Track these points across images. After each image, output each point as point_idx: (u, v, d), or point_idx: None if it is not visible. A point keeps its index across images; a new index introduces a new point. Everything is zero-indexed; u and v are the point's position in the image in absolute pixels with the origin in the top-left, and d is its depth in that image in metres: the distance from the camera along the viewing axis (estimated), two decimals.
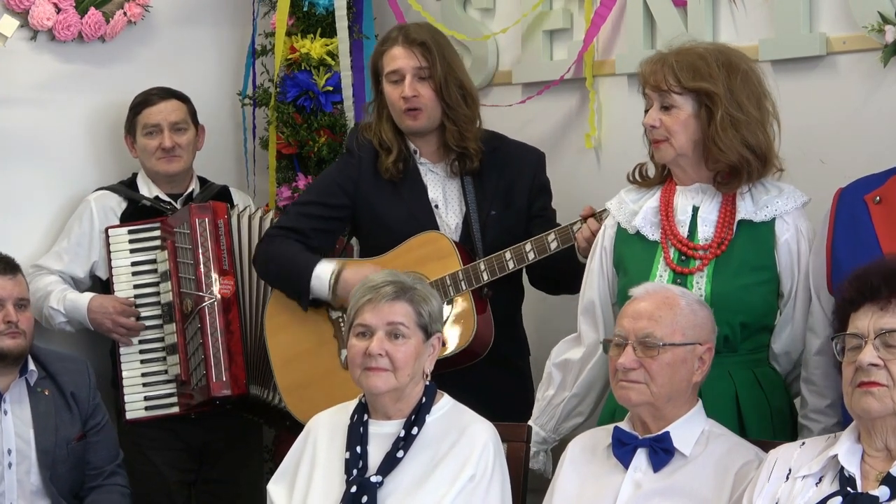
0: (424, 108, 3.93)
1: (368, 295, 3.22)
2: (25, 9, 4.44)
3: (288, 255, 3.99)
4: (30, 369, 3.88)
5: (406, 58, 3.92)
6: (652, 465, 3.06)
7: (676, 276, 3.30)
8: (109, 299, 4.32)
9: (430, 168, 4.03)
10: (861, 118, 3.77)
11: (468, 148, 3.95)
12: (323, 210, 4.04)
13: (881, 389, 2.71)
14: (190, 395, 4.27)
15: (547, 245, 3.76)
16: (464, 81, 3.97)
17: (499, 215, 3.97)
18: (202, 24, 4.93)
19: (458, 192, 4.01)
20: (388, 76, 3.95)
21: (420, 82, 3.92)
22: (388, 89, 3.96)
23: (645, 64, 3.32)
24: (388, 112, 3.99)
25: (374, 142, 4.00)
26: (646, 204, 3.40)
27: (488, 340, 3.89)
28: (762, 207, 3.31)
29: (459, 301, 3.87)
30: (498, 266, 3.82)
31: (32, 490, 3.82)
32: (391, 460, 3.17)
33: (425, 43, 3.91)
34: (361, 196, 4.01)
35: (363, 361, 3.19)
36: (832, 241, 3.20)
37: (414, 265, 3.87)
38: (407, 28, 4.00)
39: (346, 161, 4.09)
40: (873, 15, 3.64)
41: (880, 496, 2.68)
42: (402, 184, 3.99)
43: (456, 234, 3.98)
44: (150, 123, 4.41)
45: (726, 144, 3.24)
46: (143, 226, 4.39)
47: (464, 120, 3.94)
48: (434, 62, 3.91)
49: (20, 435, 3.83)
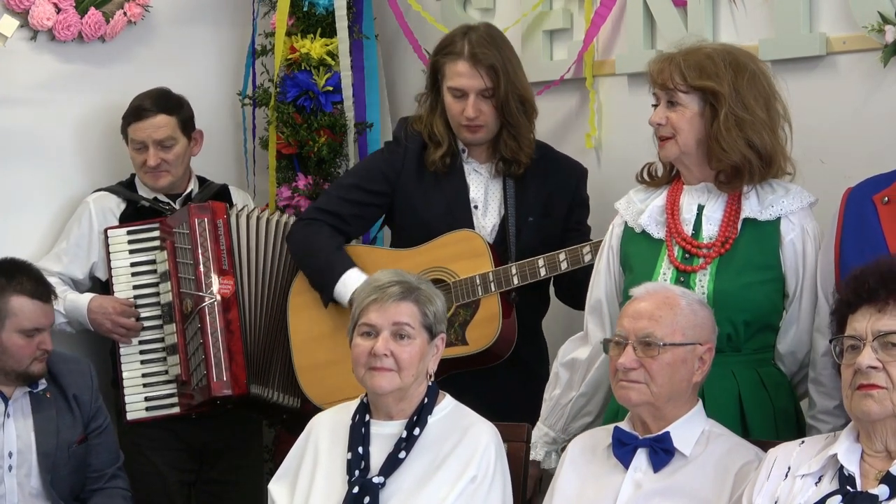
0: (485, 124, 3.94)
1: (374, 295, 3.21)
2: (25, 9, 4.44)
3: (323, 248, 4.00)
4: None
5: (471, 77, 3.91)
6: (652, 465, 3.06)
7: (680, 273, 3.30)
8: (109, 300, 4.32)
9: (474, 167, 4.03)
10: (861, 118, 3.77)
11: (521, 159, 3.96)
12: (363, 195, 4.04)
13: (881, 392, 2.71)
14: (190, 395, 4.26)
15: (581, 257, 3.75)
16: (524, 95, 3.96)
17: (536, 223, 3.97)
18: (202, 24, 4.93)
19: (499, 194, 4.01)
20: (450, 89, 3.94)
21: (483, 100, 3.92)
22: (449, 100, 3.95)
23: (653, 63, 3.34)
24: (443, 109, 3.99)
25: (424, 134, 4.01)
26: (652, 203, 3.41)
27: (511, 343, 3.89)
28: (767, 207, 3.32)
29: (486, 302, 3.87)
30: (530, 272, 3.82)
31: (32, 493, 3.81)
32: (393, 461, 3.17)
33: (493, 66, 3.89)
34: (402, 186, 4.02)
35: (368, 361, 3.19)
36: (840, 241, 3.20)
37: (445, 261, 3.88)
38: (473, 42, 3.93)
39: (392, 150, 4.09)
40: (873, 15, 3.64)
41: (880, 495, 2.68)
42: (445, 180, 4.00)
43: (491, 235, 3.99)
44: (136, 139, 4.40)
45: (729, 144, 3.24)
46: (143, 226, 4.38)
47: (523, 133, 3.95)
48: (499, 84, 3.90)
49: (21, 438, 3.82)
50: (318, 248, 4.01)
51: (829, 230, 3.27)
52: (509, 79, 3.91)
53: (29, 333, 3.78)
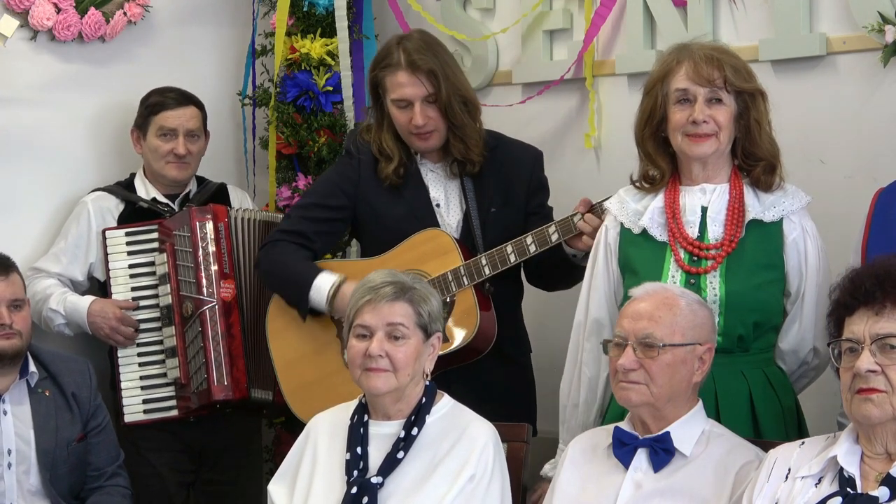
0: (436, 129, 3.93)
1: (368, 296, 3.21)
2: (25, 9, 4.44)
3: (289, 262, 4.00)
4: (30, 370, 3.87)
5: (413, 86, 3.90)
6: (652, 465, 3.06)
7: (690, 276, 3.30)
8: (110, 304, 4.30)
9: (430, 168, 4.04)
10: (861, 118, 3.78)
11: (472, 159, 3.96)
12: (324, 212, 4.04)
13: (880, 396, 2.70)
14: (189, 398, 4.26)
15: (548, 237, 3.76)
16: (466, 95, 3.96)
17: (498, 212, 3.98)
18: (202, 24, 4.93)
19: (458, 190, 4.02)
20: (394, 101, 3.94)
21: (428, 106, 3.91)
22: (395, 111, 3.95)
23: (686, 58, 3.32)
24: (390, 122, 3.99)
25: (374, 149, 4.01)
26: (651, 204, 3.41)
27: (491, 336, 3.89)
28: (770, 207, 3.34)
29: (462, 297, 3.88)
30: (500, 259, 3.83)
31: (31, 491, 3.81)
32: (391, 461, 3.17)
33: (432, 70, 3.89)
34: (361, 196, 4.02)
35: (363, 362, 3.18)
36: (867, 240, 3.22)
37: (415, 263, 3.87)
38: (409, 50, 3.93)
39: (346, 163, 4.10)
40: (873, 15, 3.64)
41: (880, 497, 2.68)
42: (404, 185, 4.00)
43: (457, 231, 3.99)
44: (166, 126, 4.38)
45: (769, 141, 3.32)
46: (141, 228, 4.37)
47: (470, 133, 3.95)
48: (440, 87, 3.90)
49: (20, 435, 3.81)
50: (285, 264, 4.00)
51: (858, 230, 3.28)
52: (449, 81, 3.91)
53: None
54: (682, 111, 3.31)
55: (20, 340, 3.80)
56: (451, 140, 3.95)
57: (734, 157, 3.37)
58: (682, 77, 3.30)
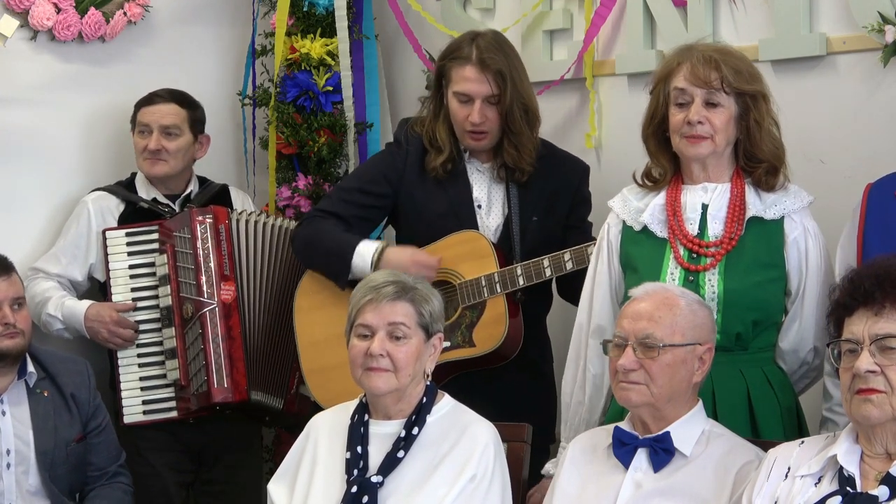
0: (490, 131, 3.93)
1: (369, 295, 3.21)
2: (25, 9, 4.44)
3: (331, 233, 3.98)
4: (29, 371, 3.86)
5: (479, 83, 3.89)
6: (652, 465, 3.07)
7: (689, 273, 3.30)
8: (107, 308, 4.29)
9: (477, 167, 4.03)
10: (861, 118, 3.77)
11: (523, 168, 3.95)
12: (365, 198, 4.03)
13: (880, 396, 2.70)
14: (188, 399, 4.25)
15: (586, 257, 3.72)
16: (528, 104, 3.94)
17: (540, 222, 3.97)
18: (202, 24, 4.93)
19: (502, 194, 4.01)
20: (456, 94, 3.93)
21: (489, 106, 3.90)
22: (455, 105, 3.94)
23: (687, 59, 3.32)
24: (447, 114, 3.98)
25: (425, 139, 4.00)
26: (652, 201, 3.42)
27: (518, 344, 3.89)
28: (770, 206, 3.34)
29: (493, 303, 3.87)
30: (535, 272, 3.82)
31: (31, 491, 3.81)
32: (392, 460, 3.17)
33: (501, 72, 3.88)
34: (405, 187, 4.01)
35: (364, 362, 3.19)
36: (863, 235, 3.22)
37: (451, 263, 3.88)
38: (481, 48, 3.91)
39: (394, 152, 4.08)
40: (873, 15, 3.64)
41: (880, 496, 2.68)
42: (448, 180, 3.99)
43: (495, 235, 3.98)
44: (142, 122, 4.40)
45: (772, 143, 3.32)
46: (141, 228, 4.37)
47: (525, 143, 3.93)
48: (505, 90, 3.88)
49: (19, 436, 3.81)
50: (324, 236, 3.99)
51: (850, 225, 3.29)
52: (515, 86, 3.89)
53: None
54: (680, 112, 3.32)
55: (23, 339, 3.81)
56: (505, 145, 3.94)
57: (737, 159, 3.38)
58: (681, 78, 3.31)
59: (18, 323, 3.80)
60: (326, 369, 4.02)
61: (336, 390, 3.50)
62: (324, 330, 4.05)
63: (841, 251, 3.32)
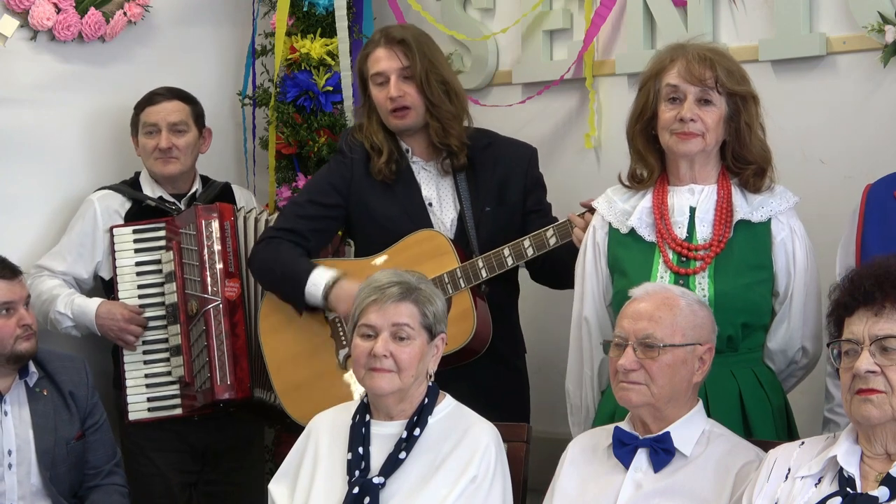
0: (412, 106, 3.96)
1: (374, 295, 3.21)
2: (25, 9, 4.44)
3: (285, 258, 3.99)
4: (30, 371, 3.87)
5: (388, 59, 3.95)
6: (652, 465, 3.06)
7: (678, 277, 3.31)
8: (118, 306, 4.30)
9: (422, 166, 4.04)
10: (861, 118, 3.78)
11: (451, 144, 3.96)
12: (318, 210, 4.05)
13: (880, 396, 2.70)
14: (193, 396, 4.26)
15: (546, 241, 3.76)
16: (446, 77, 3.99)
17: (493, 211, 3.98)
18: (202, 24, 4.93)
19: (451, 189, 4.02)
20: (373, 78, 3.98)
21: (405, 81, 3.95)
22: (375, 92, 3.99)
23: (680, 56, 3.33)
24: (377, 114, 4.01)
25: (366, 144, 4.02)
26: (639, 204, 3.41)
27: (487, 337, 3.89)
28: (757, 208, 3.35)
29: (458, 299, 3.87)
30: (497, 263, 3.83)
31: (33, 490, 3.82)
32: (393, 461, 3.17)
33: (405, 40, 3.95)
34: (354, 195, 4.03)
35: (368, 362, 3.18)
36: (862, 235, 3.22)
37: (410, 264, 3.86)
38: (388, 29, 4.04)
39: (339, 161, 4.10)
40: (873, 15, 3.65)
41: (880, 497, 2.68)
42: (396, 183, 4.00)
43: (451, 231, 3.99)
44: (149, 122, 4.40)
45: (760, 145, 3.31)
46: (149, 226, 4.37)
47: (447, 117, 3.96)
48: (415, 59, 3.93)
49: (20, 436, 3.82)
50: (280, 261, 4.00)
51: (850, 225, 3.29)
52: (425, 56, 3.95)
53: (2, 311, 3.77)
54: (671, 109, 3.31)
55: (36, 339, 3.83)
56: (429, 123, 3.96)
57: (723, 159, 3.37)
58: (675, 74, 3.31)
59: (32, 324, 3.82)
60: (299, 387, 4.02)
61: (309, 407, 3.49)
62: (289, 349, 4.06)
63: (841, 251, 3.32)
